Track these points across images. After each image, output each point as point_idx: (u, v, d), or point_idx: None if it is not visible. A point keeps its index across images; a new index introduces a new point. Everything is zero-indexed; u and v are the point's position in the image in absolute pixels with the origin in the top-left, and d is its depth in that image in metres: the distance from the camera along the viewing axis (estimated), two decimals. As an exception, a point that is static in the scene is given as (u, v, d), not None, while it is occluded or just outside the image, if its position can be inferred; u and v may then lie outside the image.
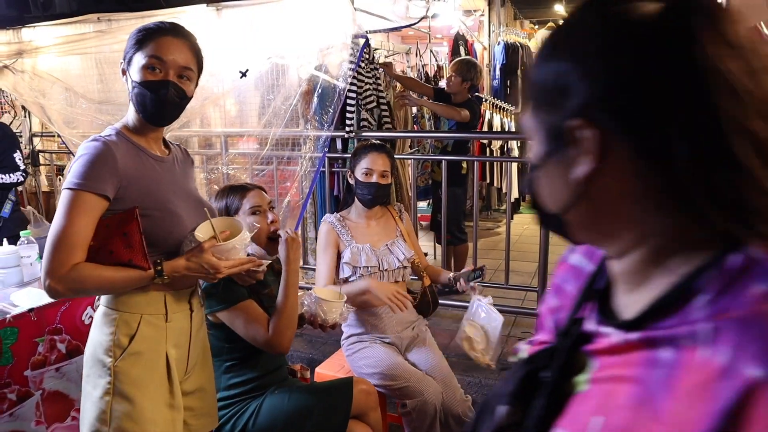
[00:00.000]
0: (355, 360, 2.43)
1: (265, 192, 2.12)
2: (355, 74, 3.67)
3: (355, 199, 2.54)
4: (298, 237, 1.96)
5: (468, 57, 4.97)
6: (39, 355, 2.17)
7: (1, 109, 5.88)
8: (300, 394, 2.02)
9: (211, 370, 1.79)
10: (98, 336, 1.53)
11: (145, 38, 1.51)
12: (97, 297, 1.60)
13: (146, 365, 1.53)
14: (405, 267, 2.51)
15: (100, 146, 1.46)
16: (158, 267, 1.47)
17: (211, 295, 1.88)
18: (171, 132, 4.00)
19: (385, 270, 2.46)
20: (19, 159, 3.49)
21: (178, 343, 1.60)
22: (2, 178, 3.38)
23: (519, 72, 6.71)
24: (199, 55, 1.60)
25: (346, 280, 2.44)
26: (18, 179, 3.43)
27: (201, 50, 1.62)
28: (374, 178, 2.45)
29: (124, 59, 1.55)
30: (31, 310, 2.14)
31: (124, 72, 1.56)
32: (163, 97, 1.50)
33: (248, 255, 1.69)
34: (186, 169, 1.71)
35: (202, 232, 1.55)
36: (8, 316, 2.08)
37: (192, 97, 1.60)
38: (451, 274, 2.49)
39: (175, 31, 1.54)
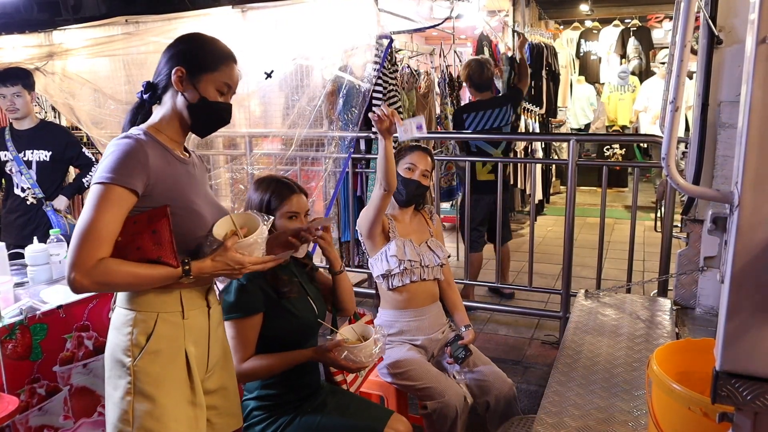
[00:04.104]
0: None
1: (306, 196, 2.12)
2: (380, 75, 3.67)
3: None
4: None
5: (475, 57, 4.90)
6: (67, 351, 2.21)
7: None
8: (330, 422, 1.99)
9: (232, 369, 1.78)
10: (116, 337, 1.54)
11: (220, 61, 1.60)
12: (113, 299, 1.60)
13: (165, 363, 1.52)
14: (442, 265, 2.58)
15: (132, 142, 1.48)
16: (186, 266, 1.49)
17: (226, 300, 1.88)
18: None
19: (426, 266, 2.51)
20: (90, 153, 3.57)
21: (197, 340, 1.60)
22: (88, 180, 3.46)
23: (544, 73, 6.65)
24: None
25: (389, 273, 2.46)
26: None
27: None
28: (416, 176, 2.50)
29: (187, 68, 1.56)
30: (59, 307, 2.18)
31: (180, 79, 1.55)
32: (226, 119, 1.64)
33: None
34: (203, 175, 1.74)
35: (220, 229, 1.57)
36: (38, 312, 2.12)
37: None
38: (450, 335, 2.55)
39: (235, 58, 1.67)
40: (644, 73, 8.69)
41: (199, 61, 1.58)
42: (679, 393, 1.19)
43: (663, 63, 8.43)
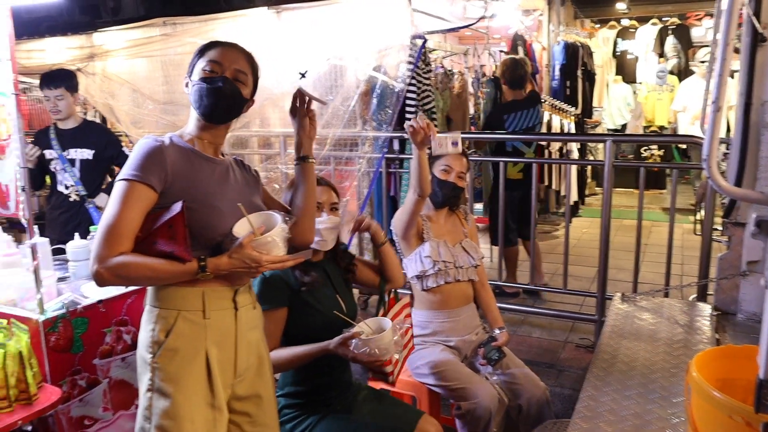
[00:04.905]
0: (413, 360, 2.44)
1: (336, 192, 2.11)
2: (414, 75, 3.67)
3: None
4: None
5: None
6: (106, 345, 2.26)
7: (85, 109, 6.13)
8: (359, 422, 1.98)
9: (269, 378, 1.75)
10: (142, 333, 1.57)
11: (205, 48, 1.65)
12: (145, 298, 1.63)
13: (183, 362, 1.53)
14: (477, 266, 2.57)
15: (151, 142, 1.55)
16: (202, 263, 1.50)
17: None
18: (231, 132, 4.10)
19: (460, 267, 2.50)
20: (129, 152, 3.63)
21: (220, 342, 1.58)
22: None
23: (579, 72, 6.57)
24: (254, 64, 1.70)
25: (424, 274, 2.46)
26: None
27: (257, 62, 1.72)
28: (452, 177, 2.50)
29: (187, 74, 1.66)
30: (99, 301, 2.24)
31: (187, 84, 1.65)
32: (217, 89, 1.59)
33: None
34: (245, 179, 1.74)
35: (240, 229, 1.58)
36: (79, 306, 2.18)
37: (247, 100, 1.68)
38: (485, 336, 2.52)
39: (232, 44, 1.68)
40: (683, 72, 8.51)
41: (191, 60, 1.66)
42: (719, 401, 1.16)
43: (703, 62, 8.22)
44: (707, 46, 7.55)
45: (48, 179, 3.58)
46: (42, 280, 2.10)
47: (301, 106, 1.79)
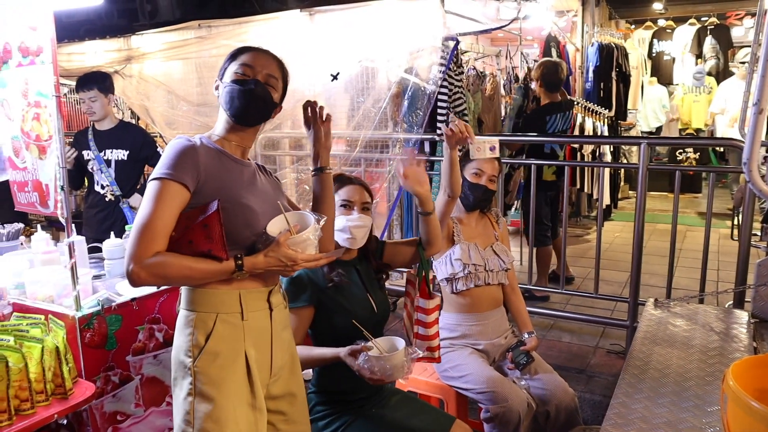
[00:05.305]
0: (442, 364, 2.42)
1: (369, 192, 2.12)
2: (446, 77, 3.66)
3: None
4: None
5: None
6: (139, 342, 2.30)
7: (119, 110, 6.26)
8: (392, 426, 1.98)
9: (300, 376, 1.78)
10: (179, 338, 1.58)
11: (238, 53, 1.68)
12: (178, 301, 1.64)
13: (224, 365, 1.53)
14: (507, 270, 2.54)
15: (183, 142, 1.56)
16: (239, 261, 1.51)
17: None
18: (263, 134, 4.15)
19: (491, 270, 2.48)
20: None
21: (257, 343, 1.60)
22: None
23: (613, 74, 6.46)
24: (284, 70, 1.73)
25: (454, 277, 2.45)
26: None
27: (287, 68, 1.74)
28: (483, 181, 2.49)
29: (218, 77, 1.68)
30: (133, 299, 2.28)
31: (217, 87, 1.67)
32: (249, 91, 1.61)
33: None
34: (270, 184, 1.75)
35: (274, 227, 1.59)
36: (114, 304, 2.22)
37: (277, 104, 1.71)
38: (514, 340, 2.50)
39: (264, 49, 1.71)
40: (721, 74, 8.30)
41: (223, 63, 1.69)
42: (758, 411, 1.13)
43: (743, 63, 8.03)
44: (748, 46, 7.36)
45: (86, 180, 3.67)
46: (78, 277, 2.15)
47: (313, 117, 1.80)
